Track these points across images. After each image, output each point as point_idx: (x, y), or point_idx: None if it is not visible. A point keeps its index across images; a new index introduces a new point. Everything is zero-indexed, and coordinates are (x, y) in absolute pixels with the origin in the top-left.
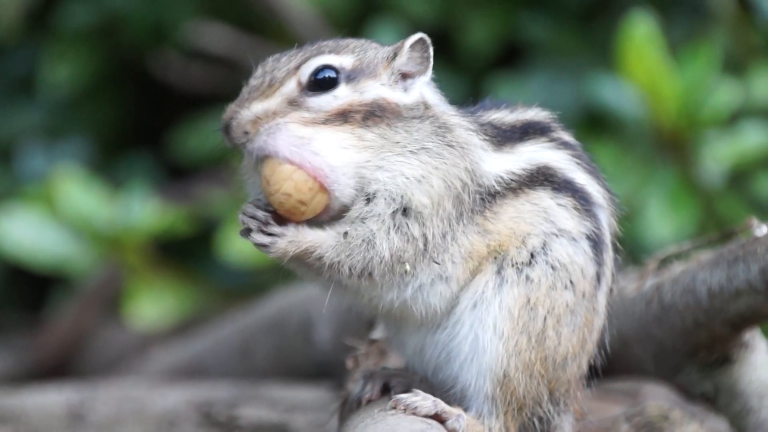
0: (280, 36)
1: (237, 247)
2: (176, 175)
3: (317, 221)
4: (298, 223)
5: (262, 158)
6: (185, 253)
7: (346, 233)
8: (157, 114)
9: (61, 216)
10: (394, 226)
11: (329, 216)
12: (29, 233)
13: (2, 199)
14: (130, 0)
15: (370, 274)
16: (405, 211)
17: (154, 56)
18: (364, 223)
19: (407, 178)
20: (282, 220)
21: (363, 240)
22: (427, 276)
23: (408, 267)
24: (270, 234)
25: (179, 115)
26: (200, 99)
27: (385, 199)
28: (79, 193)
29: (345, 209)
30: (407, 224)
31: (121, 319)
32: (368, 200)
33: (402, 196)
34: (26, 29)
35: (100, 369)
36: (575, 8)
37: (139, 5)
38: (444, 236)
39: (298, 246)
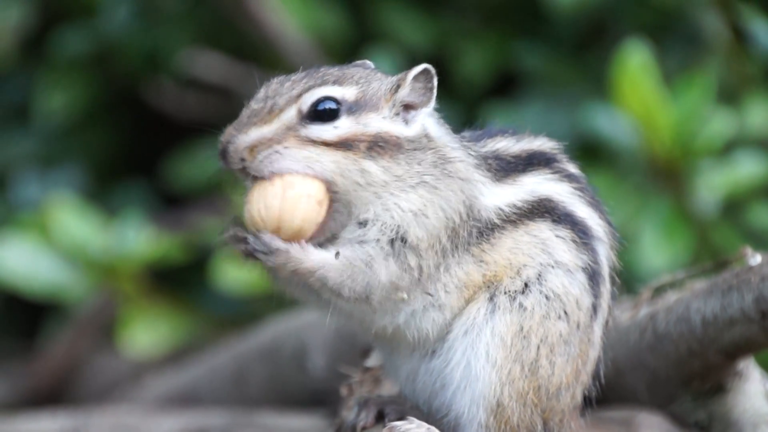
0: (274, 64)
1: (231, 275)
2: (171, 203)
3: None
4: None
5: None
6: (179, 281)
7: (345, 254)
8: (152, 142)
9: (56, 244)
10: (393, 253)
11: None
12: (24, 261)
13: None
14: (124, 28)
15: (368, 298)
16: (403, 241)
17: (149, 84)
18: (361, 246)
19: (404, 212)
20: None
21: (363, 262)
22: (419, 303)
23: (404, 295)
24: (271, 251)
25: (174, 143)
26: (195, 127)
27: (380, 228)
28: (74, 220)
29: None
30: (405, 253)
31: (116, 347)
32: (363, 225)
33: (398, 227)
34: (21, 57)
35: (94, 396)
36: (569, 38)
37: (133, 33)
38: (437, 267)
39: (299, 263)
